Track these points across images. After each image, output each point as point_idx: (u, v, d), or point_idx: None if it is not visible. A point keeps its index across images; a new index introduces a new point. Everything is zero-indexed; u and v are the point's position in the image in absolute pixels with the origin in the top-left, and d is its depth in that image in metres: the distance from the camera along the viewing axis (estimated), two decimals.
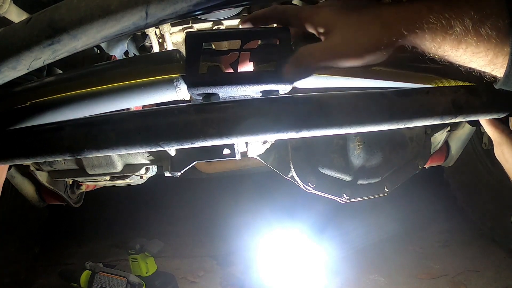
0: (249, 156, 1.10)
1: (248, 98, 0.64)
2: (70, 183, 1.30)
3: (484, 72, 0.51)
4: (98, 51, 1.09)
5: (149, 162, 1.14)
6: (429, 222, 2.25)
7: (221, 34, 0.62)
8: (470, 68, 0.52)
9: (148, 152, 1.12)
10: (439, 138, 1.34)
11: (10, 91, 0.63)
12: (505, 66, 0.48)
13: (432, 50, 0.51)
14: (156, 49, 1.25)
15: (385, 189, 1.17)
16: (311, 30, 0.58)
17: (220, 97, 0.63)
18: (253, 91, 0.62)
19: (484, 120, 0.84)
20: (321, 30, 0.56)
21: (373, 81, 0.66)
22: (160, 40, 1.24)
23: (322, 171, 1.12)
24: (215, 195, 2.64)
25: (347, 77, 0.64)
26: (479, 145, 1.81)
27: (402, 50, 0.52)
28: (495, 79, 0.52)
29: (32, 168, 1.15)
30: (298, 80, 0.60)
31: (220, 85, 0.59)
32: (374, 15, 0.52)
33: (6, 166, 0.82)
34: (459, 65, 0.52)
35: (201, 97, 0.62)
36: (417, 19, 0.49)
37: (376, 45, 0.52)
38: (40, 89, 0.63)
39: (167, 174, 1.08)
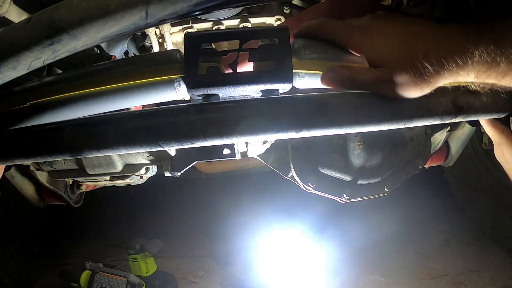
0: (249, 156, 1.10)
1: (248, 98, 0.64)
2: (70, 183, 1.30)
3: None
4: (98, 51, 1.09)
5: (149, 162, 1.14)
6: (429, 222, 2.25)
7: (219, 34, 0.62)
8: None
9: (148, 152, 1.12)
10: (439, 138, 1.33)
11: (10, 91, 0.63)
12: None
13: (474, 81, 0.54)
14: (156, 49, 1.25)
15: (385, 189, 1.17)
16: (360, 57, 0.60)
17: (220, 97, 0.63)
18: (253, 90, 0.62)
19: (484, 120, 0.84)
20: (371, 61, 0.59)
21: None
22: (160, 40, 1.24)
23: (322, 171, 1.12)
24: (215, 195, 2.63)
25: None
26: (479, 145, 1.81)
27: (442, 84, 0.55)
28: None
29: (32, 168, 1.15)
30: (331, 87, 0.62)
31: (219, 86, 0.59)
32: (420, 47, 0.53)
33: (3, 166, 0.82)
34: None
35: (201, 98, 0.62)
36: (463, 55, 0.51)
37: (418, 82, 0.54)
38: (40, 89, 0.62)
39: (167, 174, 1.08)
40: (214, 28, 1.24)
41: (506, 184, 0.86)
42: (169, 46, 1.23)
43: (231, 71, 0.61)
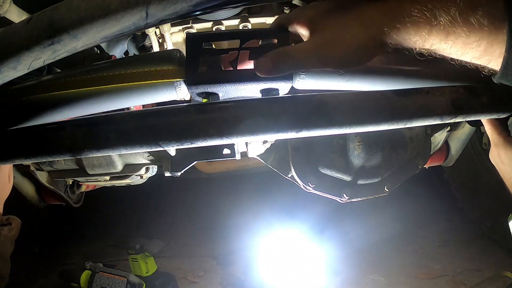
0: (249, 156, 1.11)
1: (248, 98, 0.64)
2: (70, 183, 1.30)
3: (481, 66, 0.48)
4: (98, 51, 1.09)
5: (149, 162, 1.14)
6: (429, 222, 2.25)
7: (221, 34, 0.63)
8: (465, 62, 0.48)
9: (148, 152, 1.12)
10: (439, 138, 1.34)
11: (10, 91, 0.63)
12: (502, 56, 0.43)
13: (418, 44, 0.48)
14: (156, 49, 1.25)
15: (385, 189, 1.17)
16: (298, 31, 0.56)
17: (220, 97, 0.63)
18: (253, 90, 0.62)
19: (484, 120, 0.84)
20: (303, 32, 0.55)
21: (373, 84, 0.66)
22: (160, 40, 1.24)
23: (322, 171, 1.12)
24: (215, 195, 2.63)
25: (347, 80, 0.64)
26: (479, 145, 1.81)
27: (386, 49, 0.50)
28: (494, 72, 0.47)
29: (32, 168, 1.15)
30: (269, 75, 0.55)
31: (219, 83, 0.59)
32: (355, 14, 0.50)
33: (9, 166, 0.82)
34: (451, 59, 0.49)
35: (201, 97, 0.62)
36: (398, 14, 0.46)
37: (356, 47, 0.50)
38: (41, 89, 0.63)
39: (167, 174, 1.08)
40: (214, 28, 1.24)
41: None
42: (169, 46, 1.23)
43: (231, 69, 0.61)
